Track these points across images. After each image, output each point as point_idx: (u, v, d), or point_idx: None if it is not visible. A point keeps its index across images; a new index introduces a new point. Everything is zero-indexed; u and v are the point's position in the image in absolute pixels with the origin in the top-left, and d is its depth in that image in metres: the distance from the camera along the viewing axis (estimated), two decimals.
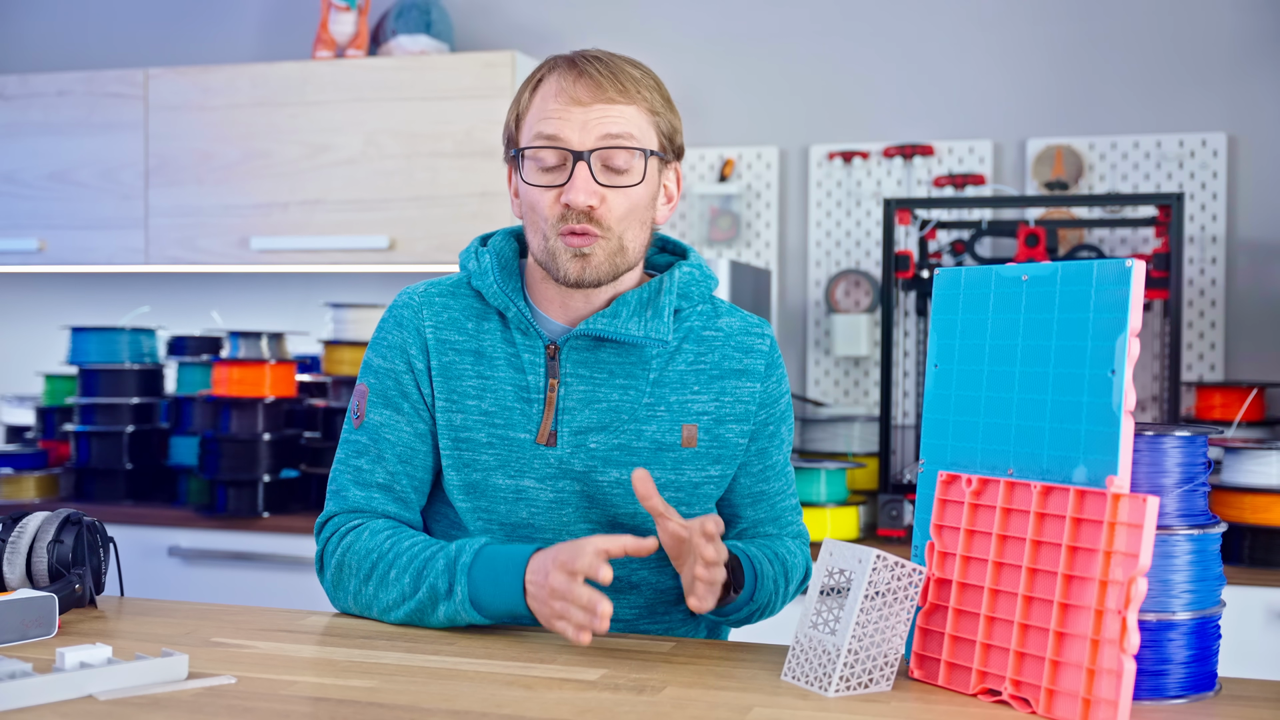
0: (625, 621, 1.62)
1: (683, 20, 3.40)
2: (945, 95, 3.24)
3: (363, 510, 1.58)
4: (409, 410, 1.59)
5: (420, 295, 1.62)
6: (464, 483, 1.57)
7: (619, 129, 1.51)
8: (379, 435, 1.59)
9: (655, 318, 1.56)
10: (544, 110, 1.52)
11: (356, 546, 1.53)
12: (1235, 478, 2.50)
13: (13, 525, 1.58)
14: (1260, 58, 3.05)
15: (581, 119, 1.50)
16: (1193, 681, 1.23)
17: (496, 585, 1.43)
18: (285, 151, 3.25)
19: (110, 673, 1.22)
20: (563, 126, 1.50)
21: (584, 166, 1.50)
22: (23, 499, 3.24)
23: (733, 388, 1.61)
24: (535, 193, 1.53)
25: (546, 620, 1.39)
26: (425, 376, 1.59)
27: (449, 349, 1.58)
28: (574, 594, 1.35)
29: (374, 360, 1.62)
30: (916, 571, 1.26)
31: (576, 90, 1.51)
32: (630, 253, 1.55)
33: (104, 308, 3.77)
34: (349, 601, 1.56)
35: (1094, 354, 1.21)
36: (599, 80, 1.51)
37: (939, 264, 2.94)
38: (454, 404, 1.57)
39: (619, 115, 1.51)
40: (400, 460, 1.58)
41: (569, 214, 1.51)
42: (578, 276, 1.52)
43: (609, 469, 1.56)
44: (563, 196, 1.50)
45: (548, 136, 1.51)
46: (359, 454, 1.60)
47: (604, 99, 1.51)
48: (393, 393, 1.59)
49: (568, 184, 1.50)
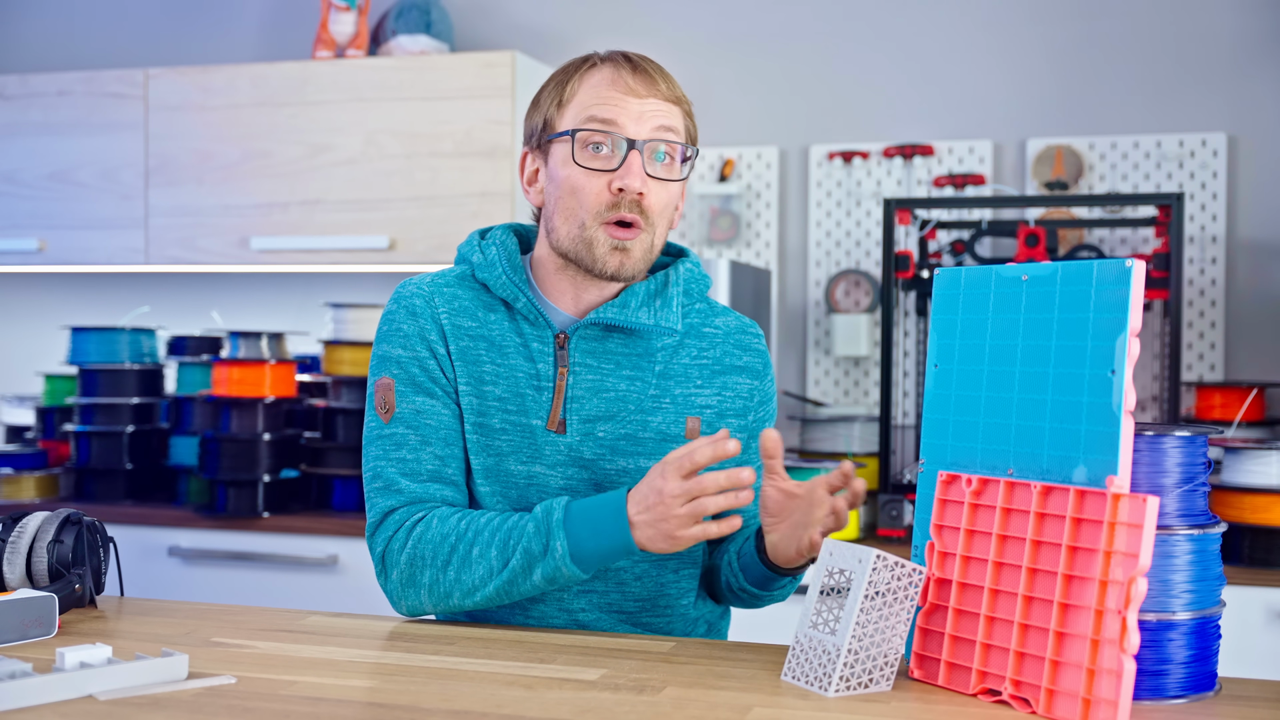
0: (627, 614, 1.62)
1: (683, 20, 3.40)
2: (945, 95, 3.24)
3: (423, 500, 1.56)
4: (441, 394, 1.58)
5: (429, 285, 1.61)
6: (483, 467, 1.58)
7: (670, 124, 1.56)
8: (418, 423, 1.57)
9: (664, 307, 1.59)
10: (598, 96, 1.54)
11: (428, 536, 1.51)
12: (1235, 478, 2.50)
13: (13, 525, 1.58)
14: (1260, 58, 3.05)
15: (638, 109, 1.54)
16: (1193, 681, 1.23)
17: (597, 531, 1.45)
18: (285, 151, 3.25)
19: (110, 673, 1.22)
20: (620, 113, 1.53)
21: (637, 154, 1.52)
22: (23, 499, 3.24)
23: (733, 383, 1.64)
24: (581, 176, 1.54)
25: (670, 536, 1.42)
26: (448, 361, 1.58)
27: (464, 335, 1.59)
28: (703, 484, 1.39)
29: (393, 352, 1.60)
30: (916, 571, 1.26)
31: (634, 81, 1.54)
32: (658, 249, 1.59)
33: (104, 308, 3.77)
34: (422, 596, 1.53)
35: (1094, 354, 1.21)
36: (653, 76, 1.56)
37: (939, 264, 2.94)
38: (474, 388, 1.58)
39: (669, 112, 1.56)
40: (445, 444, 1.57)
41: (621, 200, 1.52)
42: (616, 269, 1.54)
43: (616, 458, 1.58)
44: (615, 181, 1.52)
45: (604, 120, 1.53)
46: (399, 446, 1.57)
47: (657, 94, 1.55)
48: (422, 379, 1.58)
49: (620, 169, 1.52)
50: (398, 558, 1.53)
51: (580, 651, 1.41)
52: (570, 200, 1.55)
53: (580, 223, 1.54)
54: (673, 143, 1.55)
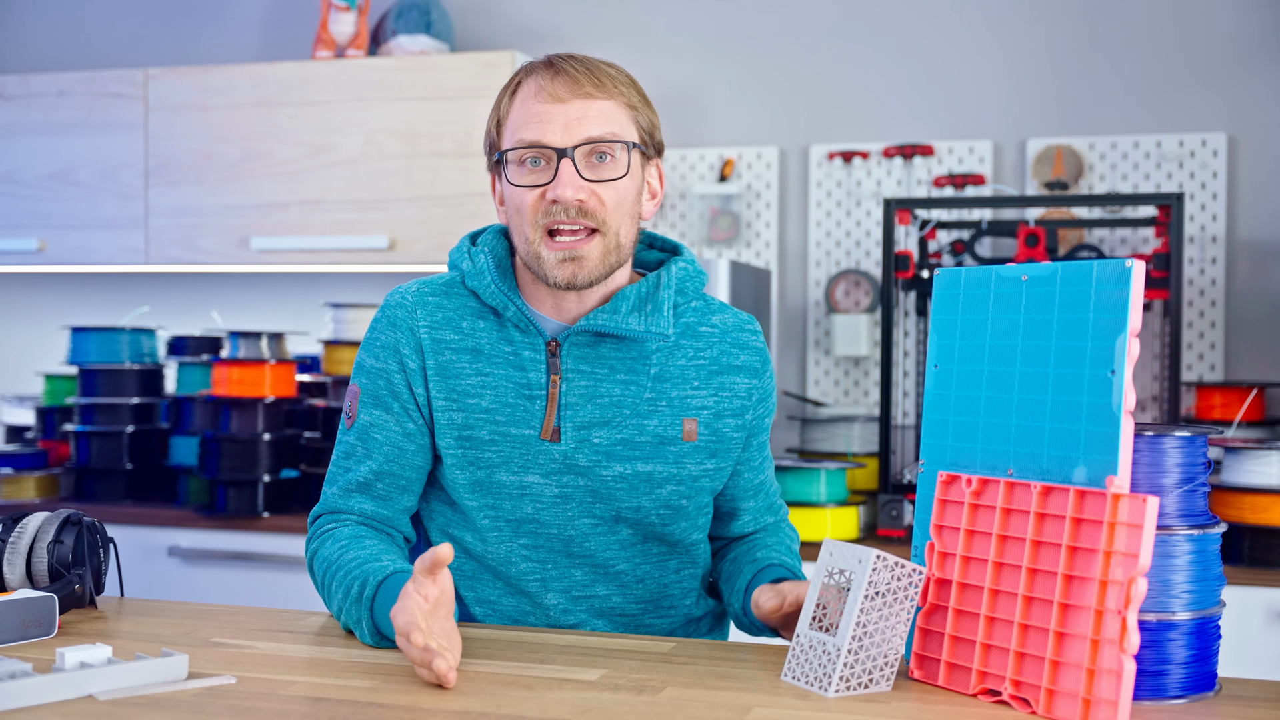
0: (630, 616, 1.62)
1: (682, 20, 3.40)
2: (945, 95, 3.24)
3: (339, 512, 1.60)
4: (398, 410, 1.59)
5: (413, 295, 1.61)
6: (471, 480, 1.57)
7: (600, 123, 1.52)
8: (367, 435, 1.60)
9: (655, 312, 1.57)
10: (525, 112, 1.52)
11: (322, 553, 1.56)
12: (1235, 478, 2.50)
13: (13, 525, 1.58)
14: (1260, 58, 3.05)
15: (563, 117, 1.51)
16: (1193, 681, 1.23)
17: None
18: (285, 151, 3.25)
19: (110, 673, 1.22)
20: (544, 128, 1.51)
21: (568, 163, 1.50)
22: (23, 499, 3.24)
23: (730, 383, 1.62)
24: (520, 193, 1.53)
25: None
26: (419, 376, 1.58)
27: (445, 348, 1.58)
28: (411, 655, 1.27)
29: (366, 360, 1.62)
30: (916, 571, 1.26)
31: (555, 88, 1.51)
32: (624, 248, 1.56)
33: (104, 308, 3.77)
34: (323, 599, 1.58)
35: (1094, 354, 1.21)
36: (576, 77, 1.52)
37: (939, 264, 2.94)
38: (455, 402, 1.57)
39: (598, 110, 1.52)
40: (386, 459, 1.58)
41: (556, 209, 1.50)
42: (569, 280, 1.52)
43: (612, 464, 1.57)
44: (549, 193, 1.50)
45: (531, 139, 1.51)
46: (346, 455, 1.62)
47: (582, 94, 1.51)
48: (383, 392, 1.59)
49: (553, 181, 1.50)
50: (307, 560, 1.61)
51: (580, 651, 1.41)
52: (517, 218, 1.55)
53: (526, 238, 1.53)
54: (606, 141, 1.51)
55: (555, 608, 1.60)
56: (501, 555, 1.59)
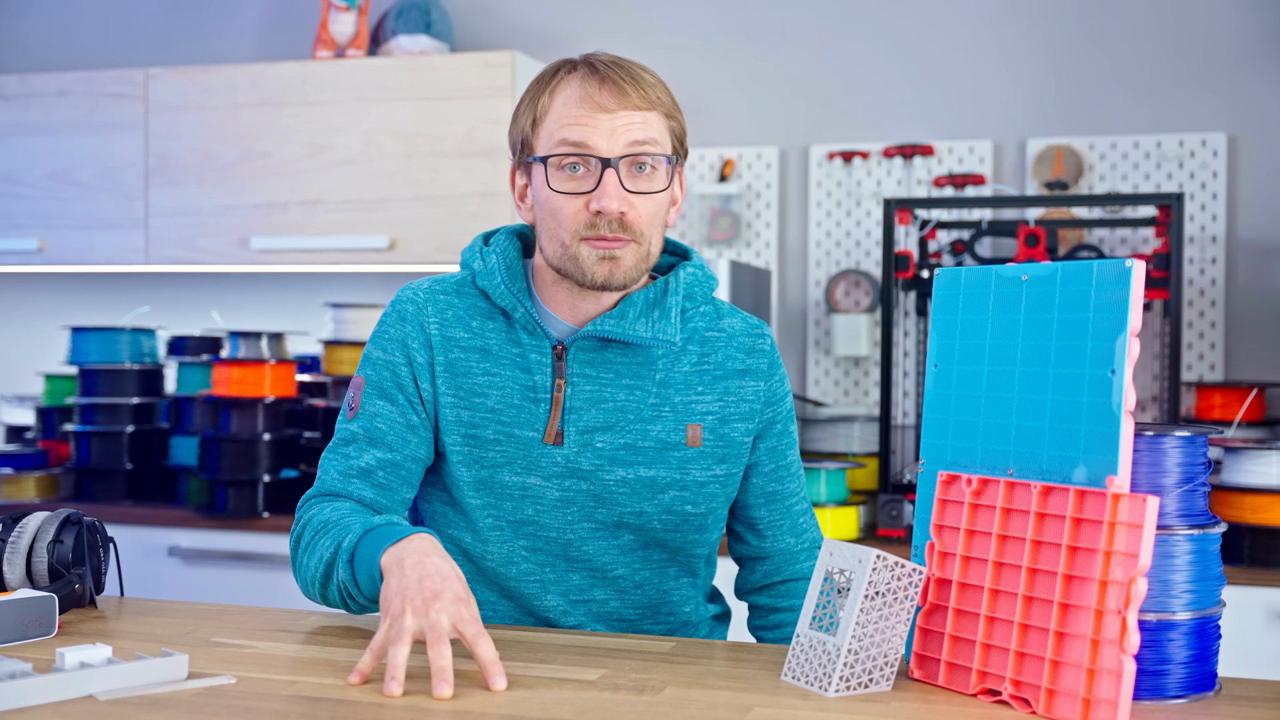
0: (628, 621, 1.62)
1: (683, 20, 3.40)
2: (945, 95, 3.24)
3: (337, 494, 1.56)
4: (403, 402, 1.58)
5: (425, 292, 1.61)
6: (474, 479, 1.57)
7: (644, 135, 1.51)
8: (370, 424, 1.58)
9: (663, 319, 1.56)
10: (567, 116, 1.51)
11: (314, 521, 1.52)
12: (1235, 478, 2.50)
13: (13, 525, 1.58)
14: (1260, 58, 3.05)
15: (609, 125, 1.49)
16: (1193, 681, 1.23)
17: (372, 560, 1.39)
18: (285, 151, 3.25)
19: (110, 673, 1.22)
20: (590, 133, 1.49)
21: (613, 173, 1.49)
22: (23, 499, 3.24)
23: (737, 387, 1.61)
24: (559, 200, 1.51)
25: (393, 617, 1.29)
26: (426, 372, 1.58)
27: (455, 346, 1.58)
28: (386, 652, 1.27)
29: (373, 353, 1.61)
30: (916, 571, 1.26)
31: (602, 96, 1.50)
32: (653, 257, 1.56)
33: (104, 308, 3.77)
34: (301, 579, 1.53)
35: (1094, 354, 1.21)
36: (623, 87, 1.50)
37: (939, 264, 2.94)
38: (462, 400, 1.57)
39: (643, 122, 1.51)
40: (388, 448, 1.57)
41: (600, 221, 1.49)
42: (605, 279, 1.51)
43: (615, 468, 1.56)
44: (592, 204, 1.49)
45: (575, 143, 1.50)
46: (347, 443, 1.58)
47: (629, 105, 1.50)
48: (388, 384, 1.58)
49: (596, 191, 1.49)
50: (293, 540, 1.55)
51: (580, 651, 1.41)
52: (551, 222, 1.53)
53: (562, 242, 1.52)
54: (651, 154, 1.51)
55: (553, 610, 1.59)
56: (501, 556, 1.58)
